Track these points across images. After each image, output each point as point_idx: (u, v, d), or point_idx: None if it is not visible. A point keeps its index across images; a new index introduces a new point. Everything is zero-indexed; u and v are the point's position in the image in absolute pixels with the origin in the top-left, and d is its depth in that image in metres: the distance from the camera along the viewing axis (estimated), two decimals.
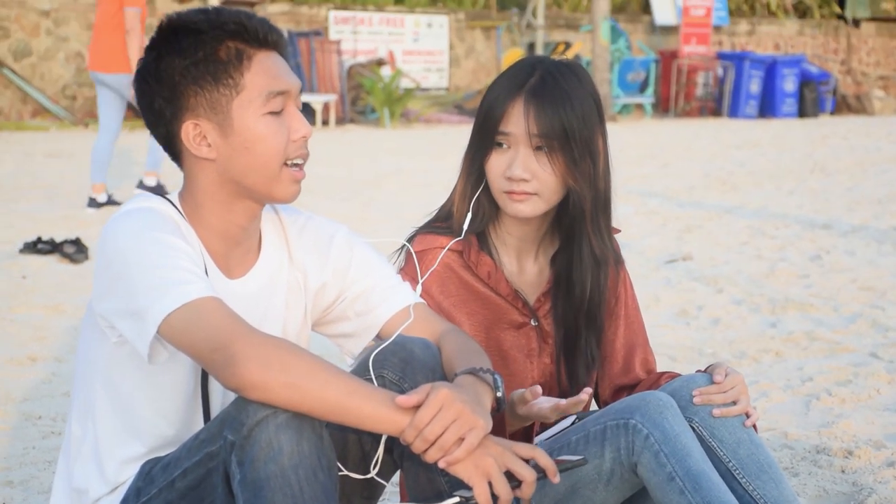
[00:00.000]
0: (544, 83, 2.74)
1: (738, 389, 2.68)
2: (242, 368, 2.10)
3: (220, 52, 2.32)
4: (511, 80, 2.78)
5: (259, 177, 2.35)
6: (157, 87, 2.34)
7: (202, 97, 2.32)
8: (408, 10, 24.92)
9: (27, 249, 7.94)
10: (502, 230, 2.90)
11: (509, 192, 2.76)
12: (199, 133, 2.35)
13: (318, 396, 2.11)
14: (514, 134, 2.74)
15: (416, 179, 12.89)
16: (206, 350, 2.15)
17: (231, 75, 2.32)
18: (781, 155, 16.12)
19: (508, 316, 2.88)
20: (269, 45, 2.37)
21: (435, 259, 2.83)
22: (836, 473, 3.90)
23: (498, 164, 2.77)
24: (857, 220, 9.87)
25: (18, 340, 5.69)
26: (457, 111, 23.52)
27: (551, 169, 2.75)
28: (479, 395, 2.27)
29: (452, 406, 2.14)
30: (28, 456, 4.05)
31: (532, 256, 2.94)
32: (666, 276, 7.51)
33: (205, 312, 2.16)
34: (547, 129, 2.72)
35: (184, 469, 2.22)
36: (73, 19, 20.53)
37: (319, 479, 2.12)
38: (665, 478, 2.49)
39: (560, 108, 2.72)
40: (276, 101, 2.34)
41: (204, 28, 2.32)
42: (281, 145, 2.34)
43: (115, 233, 2.26)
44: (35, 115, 19.88)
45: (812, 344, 5.71)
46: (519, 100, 2.74)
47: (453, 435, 2.13)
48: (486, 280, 2.85)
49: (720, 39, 28.54)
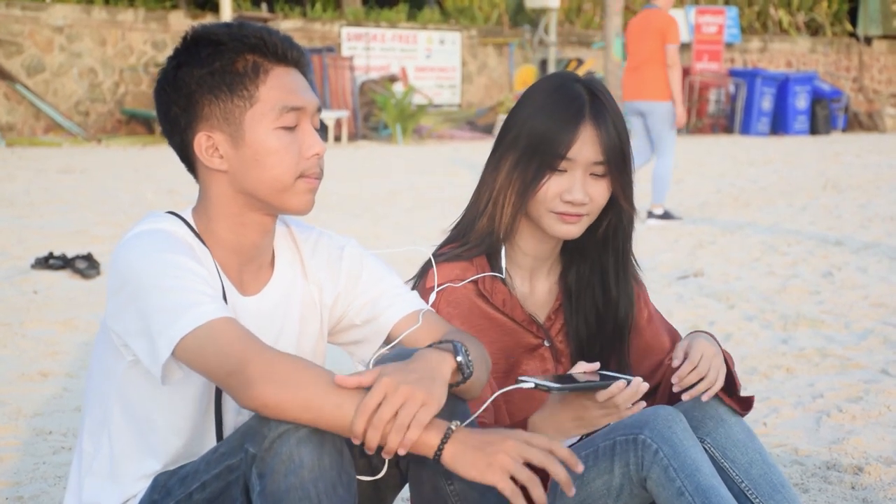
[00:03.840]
0: (600, 107, 2.75)
1: (706, 359, 2.69)
2: (258, 391, 2.11)
3: (238, 64, 2.33)
4: (563, 105, 2.75)
5: (270, 189, 2.35)
6: (174, 95, 2.36)
7: (216, 107, 2.34)
8: (420, 27, 24.97)
9: (39, 265, 7.95)
10: (516, 250, 2.88)
11: (563, 213, 2.76)
12: (212, 144, 2.36)
13: (331, 417, 2.12)
14: (578, 160, 2.73)
15: (429, 195, 12.89)
16: (221, 373, 2.16)
17: (246, 87, 2.33)
18: (793, 172, 16.11)
19: (524, 340, 2.87)
20: (289, 61, 2.39)
21: (455, 293, 2.80)
22: (846, 490, 3.89)
23: (555, 187, 2.75)
24: (869, 238, 9.85)
25: (30, 356, 5.70)
26: (469, 127, 23.55)
27: (606, 190, 2.77)
28: (431, 368, 2.22)
29: (398, 390, 2.11)
30: (39, 471, 4.05)
31: (543, 275, 2.93)
32: (678, 291, 7.50)
33: (218, 334, 2.17)
34: (610, 154, 2.74)
35: (202, 481, 2.23)
36: (86, 35, 20.61)
37: (339, 493, 2.12)
38: (674, 493, 2.49)
39: (619, 131, 2.75)
40: (289, 116, 2.35)
41: (224, 39, 2.34)
42: (293, 161, 2.35)
43: (128, 254, 2.27)
44: (48, 131, 19.94)
45: (823, 360, 5.70)
46: (584, 127, 2.73)
47: (406, 416, 2.11)
48: (502, 308, 2.84)
49: (732, 56, 28.54)
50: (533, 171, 2.75)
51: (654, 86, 10.81)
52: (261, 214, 2.42)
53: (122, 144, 19.34)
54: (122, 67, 20.95)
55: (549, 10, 25.40)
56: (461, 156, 18.22)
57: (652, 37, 10.81)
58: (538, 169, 2.75)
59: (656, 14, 10.92)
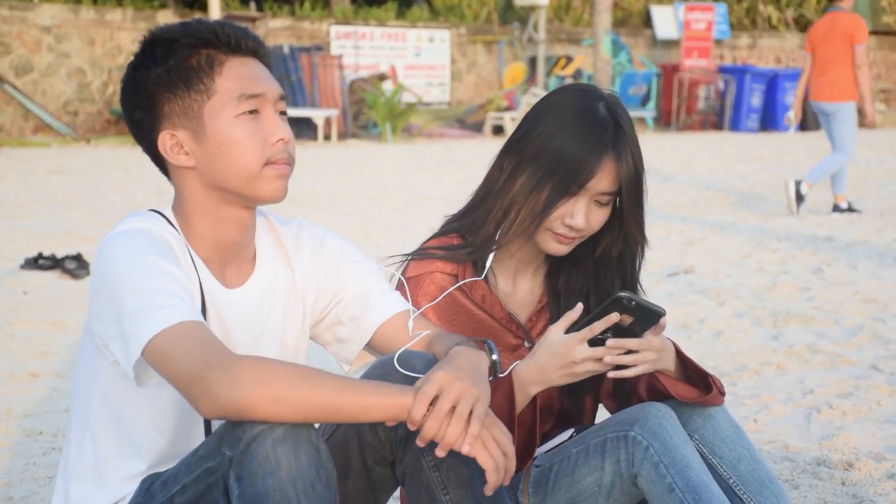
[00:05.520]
0: (622, 136, 2.72)
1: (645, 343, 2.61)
2: (223, 398, 2.08)
3: (192, 59, 2.34)
4: (588, 130, 2.72)
5: (239, 179, 2.35)
6: (135, 98, 2.37)
7: (175, 104, 2.34)
8: (409, 25, 24.98)
9: (28, 265, 7.95)
10: (503, 251, 2.87)
11: (560, 234, 2.76)
12: (176, 142, 2.36)
13: (307, 403, 2.10)
14: (590, 189, 2.72)
15: (419, 194, 12.90)
16: (184, 380, 2.12)
17: (202, 80, 2.33)
18: (783, 168, 16.12)
19: (503, 339, 2.86)
20: (245, 51, 2.38)
21: (430, 283, 2.80)
22: (836, 486, 3.90)
23: (559, 210, 2.74)
24: (858, 234, 9.87)
25: (19, 356, 5.70)
26: (459, 125, 23.56)
27: (604, 217, 2.77)
28: (476, 365, 2.27)
29: (452, 384, 2.14)
30: (29, 472, 4.05)
31: (527, 275, 2.93)
32: (668, 289, 7.51)
33: (184, 337, 2.14)
34: (625, 185, 2.74)
35: (183, 485, 2.21)
36: (74, 35, 20.58)
37: (318, 491, 2.11)
38: (665, 489, 2.49)
39: (636, 162, 2.74)
40: (248, 103, 2.34)
41: (178, 37, 2.35)
42: (257, 148, 2.34)
43: (107, 254, 2.26)
44: (36, 132, 19.91)
45: (813, 357, 5.71)
46: (607, 159, 2.70)
47: (465, 407, 2.13)
48: (481, 304, 2.84)
49: (721, 53, 28.58)
50: (548, 194, 2.72)
51: (841, 87, 11.09)
52: (237, 208, 2.41)
53: (112, 144, 19.32)
54: (110, 67, 20.92)
55: (539, 7, 25.41)
56: (451, 154, 18.21)
57: (839, 38, 11.14)
58: (553, 191, 2.72)
59: (842, 16, 11.23)
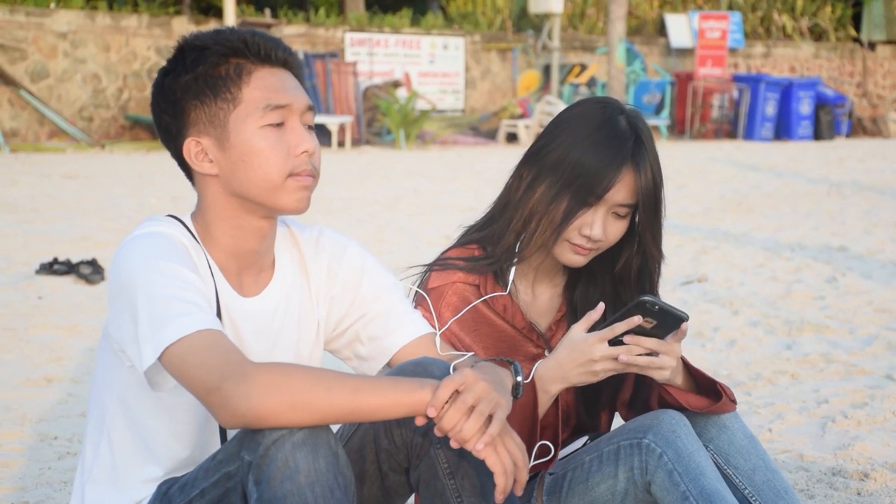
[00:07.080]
0: (642, 150, 2.73)
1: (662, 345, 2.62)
2: (241, 409, 2.09)
3: (221, 68, 2.34)
4: (609, 143, 2.72)
5: (260, 190, 2.35)
6: (164, 103, 2.38)
7: (202, 111, 2.35)
8: (424, 32, 24.99)
9: (43, 270, 7.96)
10: (524, 262, 2.87)
11: (577, 245, 2.76)
12: (201, 149, 2.37)
13: (324, 406, 2.11)
14: (608, 200, 2.73)
15: (433, 201, 12.89)
16: (201, 391, 2.14)
17: (229, 89, 2.34)
18: (797, 177, 16.10)
19: (524, 348, 2.86)
20: (274, 61, 2.39)
21: (452, 293, 2.80)
22: (851, 496, 3.89)
23: (577, 221, 2.75)
24: (873, 243, 9.85)
25: (34, 361, 5.71)
26: (472, 133, 23.55)
27: (622, 230, 2.78)
28: (500, 377, 2.30)
29: (477, 383, 2.15)
30: (44, 476, 4.06)
31: (546, 284, 2.93)
32: (682, 297, 7.50)
33: (202, 345, 2.15)
34: (643, 198, 2.74)
35: (202, 489, 2.22)
36: (90, 41, 20.63)
37: (336, 496, 2.11)
38: (679, 497, 2.49)
39: (655, 175, 2.74)
40: (273, 114, 2.35)
41: (208, 45, 2.35)
42: (280, 159, 2.34)
43: (124, 259, 2.27)
44: (52, 137, 19.95)
45: (828, 366, 5.69)
46: (626, 170, 2.71)
47: (487, 407, 2.13)
48: (503, 314, 2.84)
49: (736, 62, 28.54)
50: (567, 204, 2.73)
51: None
52: (257, 218, 2.42)
53: (126, 150, 19.35)
54: (125, 73, 20.96)
55: (553, 15, 25.39)
56: (465, 161, 18.21)
57: None
58: (572, 201, 2.73)
59: None
